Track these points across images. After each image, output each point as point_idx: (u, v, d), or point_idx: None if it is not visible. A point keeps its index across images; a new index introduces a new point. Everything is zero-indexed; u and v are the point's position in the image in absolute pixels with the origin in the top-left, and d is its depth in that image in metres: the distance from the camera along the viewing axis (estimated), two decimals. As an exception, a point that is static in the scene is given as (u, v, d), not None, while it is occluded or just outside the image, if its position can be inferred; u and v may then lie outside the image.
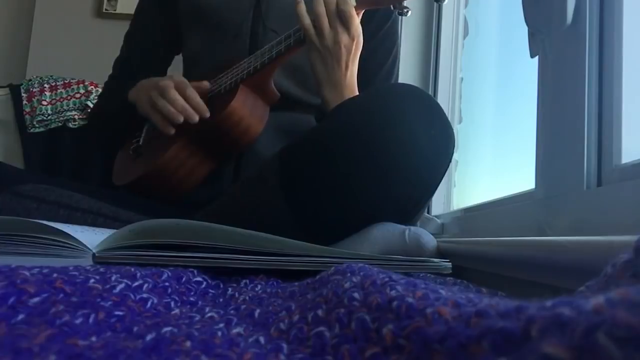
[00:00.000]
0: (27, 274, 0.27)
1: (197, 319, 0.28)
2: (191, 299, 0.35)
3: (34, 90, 1.56)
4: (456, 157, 1.18)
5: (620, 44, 0.52)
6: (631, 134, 0.50)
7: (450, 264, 0.52)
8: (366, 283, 0.25)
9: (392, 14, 0.98)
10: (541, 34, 0.62)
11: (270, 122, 0.88)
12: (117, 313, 0.26)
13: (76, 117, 1.53)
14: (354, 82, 0.79)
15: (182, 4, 0.99)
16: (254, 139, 0.87)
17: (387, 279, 0.25)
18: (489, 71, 1.14)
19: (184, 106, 0.82)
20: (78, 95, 1.56)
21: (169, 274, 0.36)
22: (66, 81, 1.59)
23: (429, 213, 1.14)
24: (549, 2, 0.59)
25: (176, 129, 0.91)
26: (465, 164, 1.18)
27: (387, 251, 0.58)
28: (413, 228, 0.61)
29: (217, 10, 0.94)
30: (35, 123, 1.51)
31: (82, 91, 1.56)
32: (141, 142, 0.94)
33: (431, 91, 1.28)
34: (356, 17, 0.76)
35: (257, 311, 0.31)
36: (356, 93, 0.79)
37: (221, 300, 0.37)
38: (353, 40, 0.76)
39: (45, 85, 1.57)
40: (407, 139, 0.61)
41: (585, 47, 0.54)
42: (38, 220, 0.49)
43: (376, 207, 0.63)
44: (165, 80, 0.85)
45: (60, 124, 1.52)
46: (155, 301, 0.30)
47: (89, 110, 1.49)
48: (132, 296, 0.29)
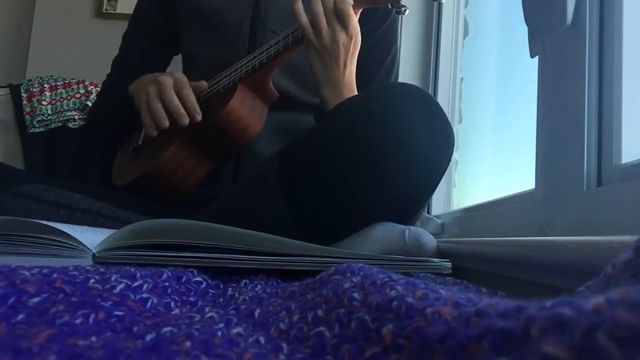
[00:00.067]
0: (27, 274, 0.27)
1: (197, 319, 0.28)
2: (191, 299, 0.35)
3: (34, 90, 1.56)
4: (456, 157, 1.18)
5: (620, 44, 0.52)
6: (631, 134, 0.50)
7: (450, 264, 0.52)
8: (366, 283, 0.25)
9: (391, 13, 0.97)
10: (541, 34, 0.62)
11: (270, 121, 0.88)
12: (117, 313, 0.26)
13: (76, 117, 1.53)
14: (353, 81, 0.79)
15: (181, 3, 0.99)
16: (252, 138, 0.87)
17: (387, 279, 0.25)
18: (489, 71, 1.14)
19: (177, 107, 0.82)
20: (78, 95, 1.56)
21: (169, 274, 0.36)
22: (66, 81, 1.59)
23: (429, 213, 1.14)
24: (549, 2, 0.59)
25: (175, 129, 0.91)
26: (465, 164, 1.18)
27: (387, 251, 0.58)
28: (413, 228, 0.61)
29: (216, 10, 0.94)
30: (35, 123, 1.51)
31: (82, 91, 1.56)
32: (140, 142, 0.94)
33: (431, 91, 1.28)
34: (354, 16, 0.76)
35: (257, 311, 0.31)
36: (355, 92, 0.79)
37: (221, 300, 0.37)
38: (351, 39, 0.76)
39: (45, 85, 1.57)
40: (407, 138, 0.61)
41: (585, 47, 0.54)
42: (38, 220, 0.49)
43: (376, 207, 0.63)
44: (165, 76, 0.85)
45: (60, 124, 1.52)
46: (155, 301, 0.30)
47: (87, 110, 1.49)
48: (132, 296, 0.29)
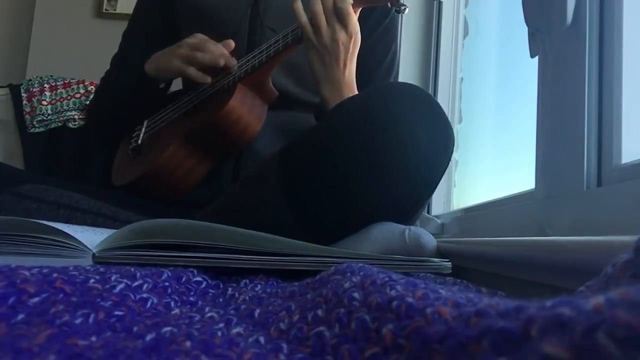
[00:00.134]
0: (27, 274, 0.27)
1: (197, 319, 0.28)
2: (191, 299, 0.35)
3: (34, 90, 1.56)
4: (456, 157, 1.18)
5: (620, 44, 0.52)
6: (631, 134, 0.50)
7: (450, 264, 0.52)
8: (366, 283, 0.25)
9: (390, 12, 0.97)
10: (541, 34, 0.62)
11: (269, 120, 0.88)
12: (117, 313, 0.26)
13: (76, 117, 1.53)
14: (353, 80, 0.79)
15: (180, 3, 0.99)
16: (252, 137, 0.87)
17: (387, 278, 0.25)
18: (489, 71, 1.14)
19: (223, 53, 0.85)
20: (78, 95, 1.56)
21: (169, 274, 0.36)
22: (66, 81, 1.59)
23: (429, 213, 1.14)
24: (549, 2, 0.59)
25: (175, 128, 0.91)
26: (465, 164, 1.18)
27: (387, 251, 0.58)
28: (413, 228, 0.61)
29: (215, 9, 0.94)
30: (35, 123, 1.51)
31: (82, 91, 1.56)
32: (140, 141, 0.93)
33: (431, 91, 1.28)
34: (354, 15, 0.76)
35: (257, 311, 0.31)
36: (355, 91, 0.78)
37: (221, 300, 0.37)
38: (351, 38, 0.76)
39: (45, 85, 1.56)
40: (407, 138, 0.61)
41: (585, 47, 0.54)
42: (38, 220, 0.49)
43: (376, 207, 0.63)
44: (191, 38, 0.88)
45: (60, 124, 1.52)
46: (155, 301, 0.30)
47: (87, 108, 1.49)
48: (132, 296, 0.29)
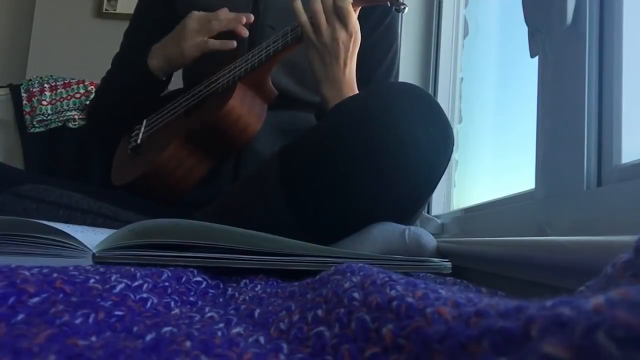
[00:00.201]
0: (27, 274, 0.27)
1: (197, 319, 0.28)
2: (191, 299, 0.35)
3: (34, 90, 1.56)
4: (456, 157, 1.18)
5: (620, 44, 0.52)
6: (631, 134, 0.50)
7: (450, 264, 0.52)
8: (366, 283, 0.25)
9: (391, 11, 0.97)
10: (541, 34, 0.62)
11: (269, 120, 0.88)
12: (117, 313, 0.26)
13: (76, 117, 1.53)
14: (353, 79, 0.79)
15: (180, 2, 0.99)
16: (252, 137, 0.87)
17: (387, 278, 0.25)
18: (489, 71, 1.14)
19: (232, 16, 0.87)
20: (78, 95, 1.56)
21: (169, 274, 0.36)
22: (66, 81, 1.59)
23: (429, 213, 1.14)
24: (549, 2, 0.59)
25: (174, 128, 0.91)
26: (465, 164, 1.18)
27: (387, 251, 0.58)
28: (413, 228, 0.61)
29: (216, 9, 0.94)
30: (35, 123, 1.51)
31: (82, 91, 1.56)
32: (139, 141, 0.93)
33: (431, 91, 1.28)
34: (353, 13, 0.76)
35: (257, 311, 0.31)
36: (355, 90, 0.78)
37: (221, 300, 0.37)
38: (351, 37, 0.76)
39: (45, 85, 1.56)
40: (407, 137, 0.61)
41: (585, 47, 0.54)
42: (38, 220, 0.49)
43: (375, 206, 0.63)
44: (190, 16, 0.89)
45: (60, 124, 1.52)
46: (155, 301, 0.30)
47: (87, 109, 1.49)
48: (132, 296, 0.29)
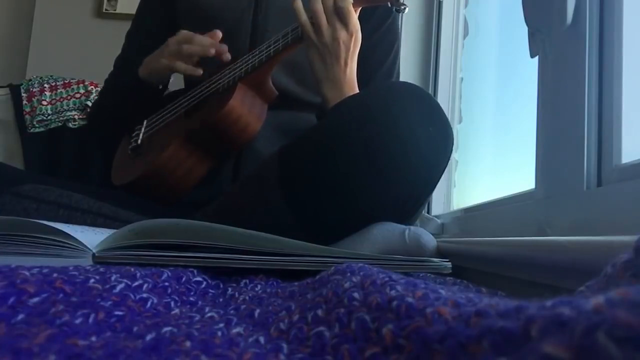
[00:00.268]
0: (27, 274, 0.27)
1: (197, 319, 0.28)
2: (191, 299, 0.35)
3: (34, 90, 1.56)
4: (456, 157, 1.18)
5: (620, 44, 0.52)
6: (631, 134, 0.50)
7: (450, 264, 0.52)
8: (366, 283, 0.25)
9: (391, 11, 0.97)
10: (541, 34, 0.62)
11: (270, 120, 0.88)
12: (117, 313, 0.26)
13: (76, 117, 1.53)
14: (354, 79, 0.79)
15: (181, 3, 0.99)
16: (252, 137, 0.87)
17: (387, 278, 0.25)
18: (489, 71, 1.14)
19: (211, 42, 0.86)
20: (78, 95, 1.56)
21: (169, 274, 0.36)
22: (66, 81, 1.59)
23: (429, 213, 1.14)
24: (549, 2, 0.59)
25: (174, 128, 0.91)
26: (465, 164, 1.18)
27: (387, 251, 0.58)
28: (413, 228, 0.61)
29: (216, 9, 0.94)
30: (35, 123, 1.51)
31: (82, 91, 1.56)
32: (139, 141, 0.93)
33: (431, 91, 1.28)
34: (354, 13, 0.76)
35: (257, 311, 0.31)
36: (356, 90, 0.78)
37: (221, 300, 0.37)
38: (351, 37, 0.76)
39: (45, 85, 1.57)
40: (407, 137, 0.61)
41: (585, 47, 0.54)
42: (38, 220, 0.49)
43: (375, 206, 0.63)
44: (176, 35, 0.90)
45: (60, 124, 1.52)
46: (155, 301, 0.30)
47: (88, 110, 1.49)
48: (132, 296, 0.29)
